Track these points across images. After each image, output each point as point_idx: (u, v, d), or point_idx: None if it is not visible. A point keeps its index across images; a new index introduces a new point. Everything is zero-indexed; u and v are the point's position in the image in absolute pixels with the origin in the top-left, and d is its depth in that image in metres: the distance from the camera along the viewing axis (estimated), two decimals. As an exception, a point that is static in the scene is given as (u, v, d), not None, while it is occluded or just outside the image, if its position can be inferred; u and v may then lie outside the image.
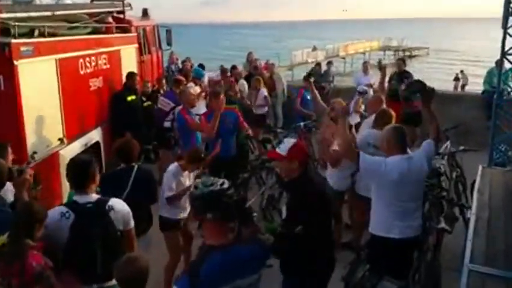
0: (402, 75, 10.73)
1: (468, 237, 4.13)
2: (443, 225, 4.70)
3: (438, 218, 5.04)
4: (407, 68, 11.56)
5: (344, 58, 42.67)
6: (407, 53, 48.92)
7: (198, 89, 9.06)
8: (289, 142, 3.75)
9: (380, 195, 4.18)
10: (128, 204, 4.08)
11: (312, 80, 7.48)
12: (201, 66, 12.64)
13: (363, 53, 46.55)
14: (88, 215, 3.43)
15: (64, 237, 3.36)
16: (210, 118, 6.24)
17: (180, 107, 7.02)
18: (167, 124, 8.03)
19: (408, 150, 4.24)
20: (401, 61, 12.11)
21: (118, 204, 3.63)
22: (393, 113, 5.80)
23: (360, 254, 4.95)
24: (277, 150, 3.76)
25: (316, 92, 7.32)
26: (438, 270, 4.68)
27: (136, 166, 4.94)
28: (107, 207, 3.52)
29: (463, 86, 25.51)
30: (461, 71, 26.89)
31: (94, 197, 3.57)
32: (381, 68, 8.20)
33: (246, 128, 6.87)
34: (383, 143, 4.29)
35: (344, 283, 4.61)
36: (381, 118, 5.72)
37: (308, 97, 9.47)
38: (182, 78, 8.95)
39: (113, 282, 3.16)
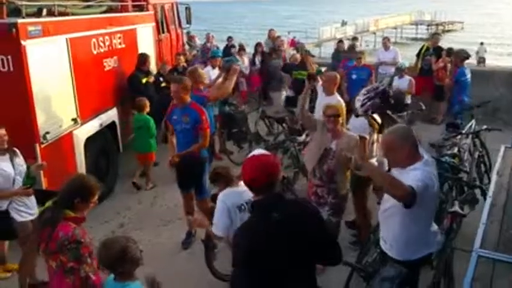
0: (438, 50, 10.56)
1: (481, 221, 3.91)
2: (456, 208, 4.54)
3: (453, 201, 4.87)
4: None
5: (374, 33, 41.59)
6: (441, 28, 47.36)
7: (216, 72, 8.97)
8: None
9: (423, 215, 3.41)
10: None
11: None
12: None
13: (395, 28, 45.38)
14: None
15: None
16: None
17: None
18: None
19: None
20: (438, 35, 12.06)
21: None
22: None
23: (370, 238, 4.82)
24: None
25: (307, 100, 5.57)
26: (451, 254, 4.52)
27: None
28: None
29: (481, 59, 24.53)
30: (481, 43, 25.83)
31: None
32: (305, 56, 7.82)
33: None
34: (401, 154, 3.33)
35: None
36: None
37: (353, 76, 9.20)
38: None
39: None
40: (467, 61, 9.87)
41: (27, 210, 4.75)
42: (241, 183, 3.73)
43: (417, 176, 3.17)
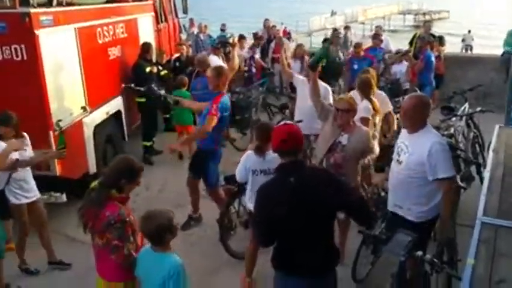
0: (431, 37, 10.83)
1: (482, 193, 4.19)
2: (457, 181, 4.77)
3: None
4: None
5: (363, 23, 41.77)
6: (427, 17, 47.71)
7: (220, 61, 9.04)
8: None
9: None
10: None
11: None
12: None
13: (383, 18, 45.61)
14: None
15: None
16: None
17: None
18: None
19: None
20: (429, 23, 12.43)
21: None
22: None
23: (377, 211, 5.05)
24: None
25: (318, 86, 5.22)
26: (453, 226, 4.78)
27: None
28: None
29: (468, 47, 25.07)
30: (469, 31, 26.40)
31: None
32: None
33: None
34: (420, 117, 3.85)
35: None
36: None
37: (355, 66, 9.46)
38: None
39: None
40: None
41: (23, 194, 4.85)
42: (269, 152, 4.21)
43: (444, 153, 3.75)
